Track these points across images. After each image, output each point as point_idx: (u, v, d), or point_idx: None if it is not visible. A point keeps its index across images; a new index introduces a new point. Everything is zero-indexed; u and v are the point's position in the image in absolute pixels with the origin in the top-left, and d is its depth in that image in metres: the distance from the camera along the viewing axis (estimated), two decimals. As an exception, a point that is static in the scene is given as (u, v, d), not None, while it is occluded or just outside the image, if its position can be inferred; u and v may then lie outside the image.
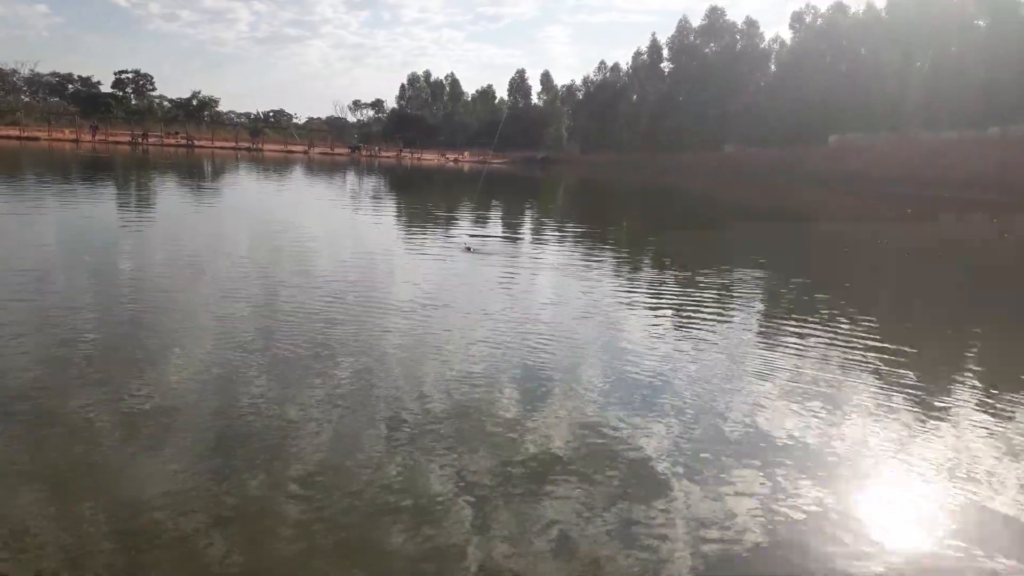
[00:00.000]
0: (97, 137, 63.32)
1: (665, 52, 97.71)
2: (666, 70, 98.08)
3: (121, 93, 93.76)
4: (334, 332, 6.38)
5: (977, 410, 5.28)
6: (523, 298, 8.55)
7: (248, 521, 3.26)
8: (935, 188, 44.09)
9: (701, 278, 10.93)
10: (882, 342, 7.25)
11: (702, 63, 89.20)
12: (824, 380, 5.80)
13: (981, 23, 61.58)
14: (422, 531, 3.25)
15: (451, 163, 77.58)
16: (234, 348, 5.72)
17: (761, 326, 7.87)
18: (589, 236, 17.13)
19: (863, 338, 7.31)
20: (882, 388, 5.66)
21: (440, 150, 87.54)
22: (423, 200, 27.36)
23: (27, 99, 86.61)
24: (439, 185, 39.14)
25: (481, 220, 19.24)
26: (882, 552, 3.34)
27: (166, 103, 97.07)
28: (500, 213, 22.68)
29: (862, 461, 4.30)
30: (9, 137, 57.04)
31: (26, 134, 59.24)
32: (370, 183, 35.88)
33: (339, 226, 16.32)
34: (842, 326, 7.81)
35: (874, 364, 6.34)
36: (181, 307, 7.15)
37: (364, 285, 8.72)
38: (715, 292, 9.63)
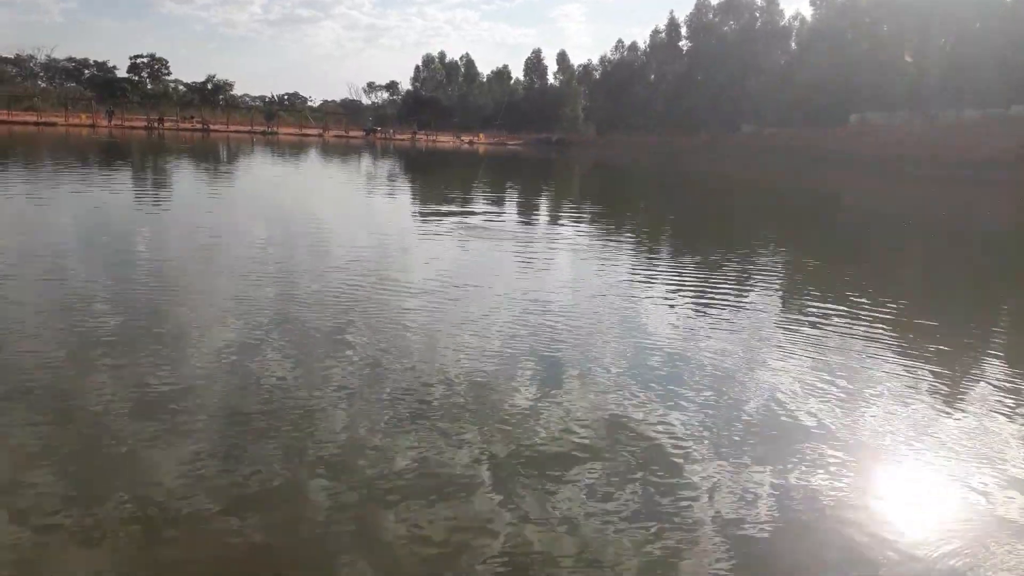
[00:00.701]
0: (113, 122, 63.66)
1: (683, 30, 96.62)
2: (684, 49, 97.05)
3: (136, 78, 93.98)
4: (351, 314, 6.38)
5: (1005, 394, 5.21)
6: (539, 280, 8.51)
7: (267, 501, 3.28)
8: (957, 168, 43.48)
9: (721, 260, 10.85)
10: (908, 322, 7.17)
11: (720, 41, 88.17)
12: (847, 362, 5.74)
13: (1007, -2, 60.36)
14: (440, 513, 3.25)
15: (466, 145, 77.37)
16: (252, 329, 5.74)
17: (784, 307, 7.80)
18: (604, 218, 17.04)
19: (888, 319, 7.22)
20: (907, 370, 5.59)
21: (455, 132, 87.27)
22: (436, 182, 27.32)
23: (44, 85, 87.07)
24: (453, 167, 39.08)
25: (494, 202, 19.19)
26: (902, 540, 3.30)
27: (181, 87, 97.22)
28: (512, 195, 22.61)
29: (885, 446, 4.25)
30: (27, 123, 57.44)
31: (43, 119, 59.62)
32: (385, 166, 35.86)
33: (354, 208, 16.33)
34: (866, 306, 7.72)
35: (899, 345, 6.27)
36: (199, 289, 7.19)
37: (380, 267, 8.72)
38: (736, 274, 9.55)
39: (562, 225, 14.56)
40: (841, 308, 7.63)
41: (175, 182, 20.30)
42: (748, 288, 8.60)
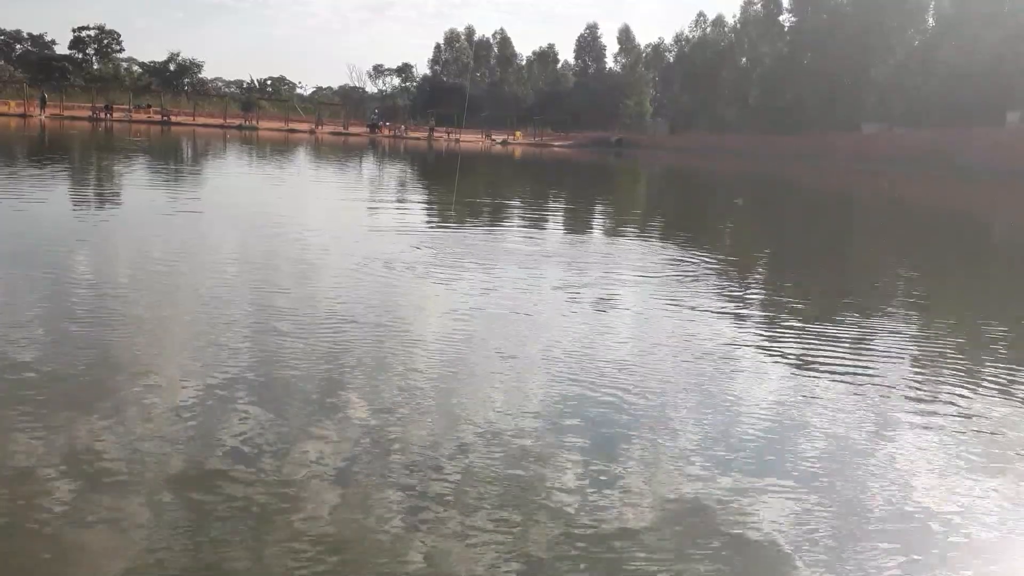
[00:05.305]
0: (47, 111, 65.26)
1: (785, 2, 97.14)
2: (786, 25, 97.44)
3: (81, 55, 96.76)
4: (345, 368, 6.38)
5: None
6: (592, 327, 8.46)
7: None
8: None
9: (841, 308, 10.71)
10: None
11: (834, 16, 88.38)
12: (1007, 451, 5.59)
13: None
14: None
15: (499, 145, 78.12)
16: (216, 387, 5.75)
17: (926, 377, 7.61)
18: (681, 248, 16.98)
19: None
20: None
21: (485, 129, 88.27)
22: (457, 194, 27.52)
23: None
24: (482, 173, 39.36)
25: (534, 220, 19.24)
26: None
27: (136, 68, 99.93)
28: (558, 210, 22.64)
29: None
30: (-60, 110, 59.09)
31: (-39, 107, 61.32)
32: (394, 172, 36.25)
33: (354, 230, 16.46)
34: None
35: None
36: (149, 331, 7.24)
37: (384, 307, 8.75)
38: (860, 328, 9.38)
39: (623, 254, 14.52)
40: (1006, 380, 7.46)
41: (122, 192, 20.68)
42: (877, 348, 8.42)
